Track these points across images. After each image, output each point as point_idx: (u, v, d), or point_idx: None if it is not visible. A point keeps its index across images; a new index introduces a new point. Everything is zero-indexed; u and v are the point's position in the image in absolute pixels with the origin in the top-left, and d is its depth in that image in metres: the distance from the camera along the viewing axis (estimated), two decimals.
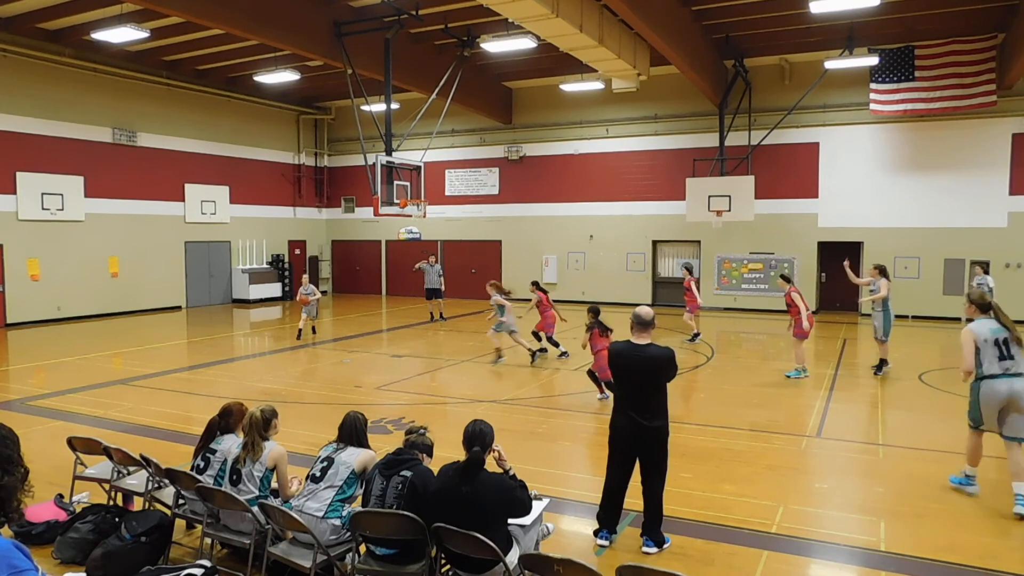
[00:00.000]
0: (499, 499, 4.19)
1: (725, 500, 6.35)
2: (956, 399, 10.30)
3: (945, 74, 17.66)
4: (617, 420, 5.42)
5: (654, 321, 5.48)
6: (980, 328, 6.24)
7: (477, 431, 4.38)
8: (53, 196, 18.73)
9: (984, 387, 6.16)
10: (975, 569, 5.03)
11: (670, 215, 21.76)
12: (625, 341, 5.52)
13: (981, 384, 6.18)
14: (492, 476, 4.29)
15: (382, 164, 16.12)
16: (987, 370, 6.14)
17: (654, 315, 5.52)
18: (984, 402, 6.18)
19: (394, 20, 16.10)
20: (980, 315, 6.37)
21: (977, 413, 6.27)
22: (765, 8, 16.16)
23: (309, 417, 9.32)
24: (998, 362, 6.11)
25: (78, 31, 17.33)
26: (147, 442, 7.98)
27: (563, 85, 20.90)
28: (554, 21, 12.98)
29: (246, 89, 23.43)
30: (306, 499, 4.65)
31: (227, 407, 5.42)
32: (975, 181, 18.55)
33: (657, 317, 5.51)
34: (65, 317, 19.12)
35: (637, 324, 5.44)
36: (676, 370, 5.44)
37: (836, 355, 13.98)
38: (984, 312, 6.36)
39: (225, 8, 14.31)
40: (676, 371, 5.45)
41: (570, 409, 9.79)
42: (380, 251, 26.99)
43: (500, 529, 4.19)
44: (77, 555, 5.07)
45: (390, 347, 15.44)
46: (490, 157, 24.57)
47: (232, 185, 23.88)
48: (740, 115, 20.22)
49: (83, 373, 12.27)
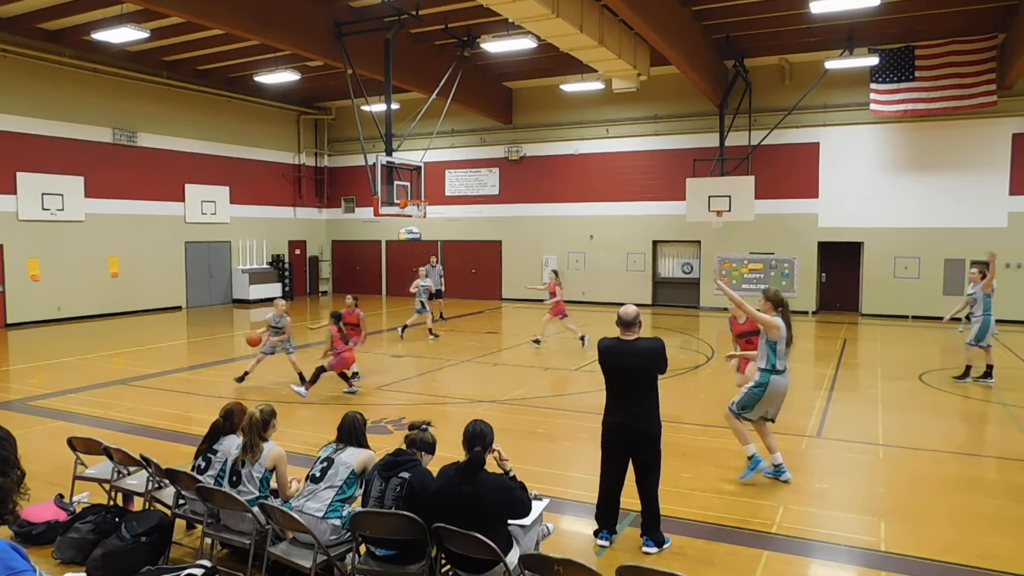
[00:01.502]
0: (499, 499, 4.19)
1: (725, 500, 6.35)
2: (956, 399, 10.31)
3: (945, 74, 17.66)
4: (609, 419, 5.40)
5: (638, 319, 5.46)
6: (781, 324, 6.56)
7: (478, 431, 4.37)
8: (53, 196, 18.73)
9: (775, 381, 6.58)
10: (975, 569, 5.03)
11: (670, 215, 21.76)
12: (613, 337, 5.50)
13: (772, 378, 6.57)
14: (492, 476, 4.29)
15: (382, 164, 16.12)
16: (780, 365, 6.59)
17: (637, 312, 5.51)
18: (773, 393, 6.60)
19: (394, 20, 16.09)
20: (775, 312, 6.62)
21: (753, 401, 6.65)
22: (765, 8, 16.15)
23: (308, 417, 9.32)
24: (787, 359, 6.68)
25: (78, 31, 17.33)
26: (147, 442, 7.98)
27: (563, 85, 20.90)
28: (554, 21, 12.98)
29: (246, 89, 23.43)
30: (306, 499, 4.65)
31: (228, 408, 5.42)
32: (975, 181, 18.55)
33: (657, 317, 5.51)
34: (65, 317, 19.12)
35: (620, 324, 5.42)
36: (667, 363, 5.40)
37: (836, 355, 13.98)
38: (777, 309, 6.64)
39: (225, 8, 14.31)
40: (667, 364, 5.40)
41: (570, 409, 9.79)
42: (380, 251, 27.00)
43: (500, 529, 4.18)
44: (77, 555, 5.07)
45: (390, 347, 15.44)
46: (490, 157, 24.58)
47: (232, 185, 23.89)
48: (740, 115, 20.23)
49: (83, 373, 12.28)
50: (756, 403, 6.63)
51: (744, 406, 6.68)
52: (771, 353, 6.60)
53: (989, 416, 9.41)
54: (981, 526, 5.80)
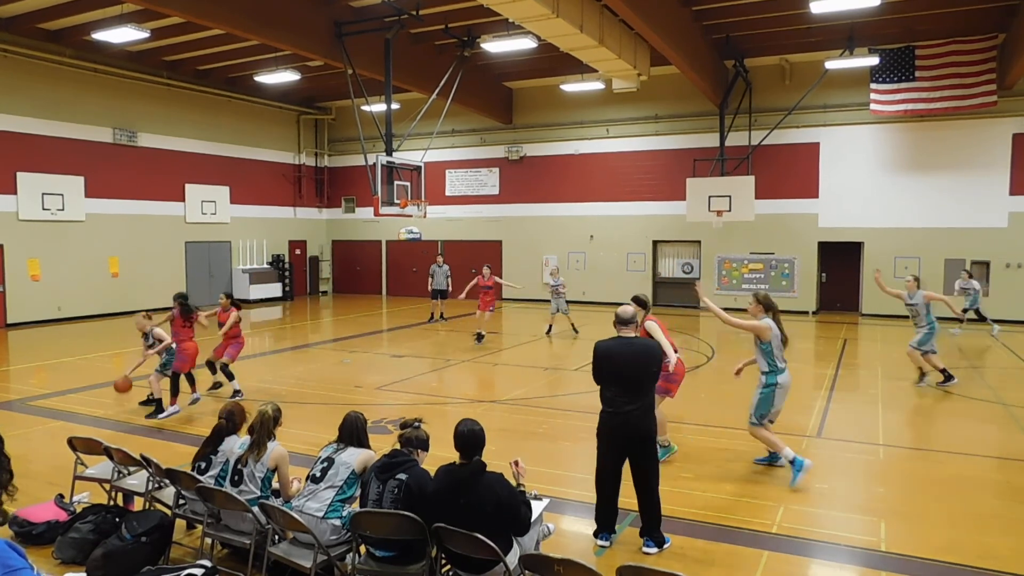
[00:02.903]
0: (499, 509, 4.13)
1: (725, 500, 6.35)
2: (956, 399, 10.31)
3: (945, 74, 17.65)
4: (607, 419, 5.39)
5: (636, 318, 5.55)
6: (771, 325, 6.74)
7: (468, 432, 4.33)
8: (53, 196, 18.73)
9: (782, 379, 6.78)
10: (975, 569, 5.03)
11: (670, 215, 21.76)
12: (611, 338, 5.51)
13: (779, 377, 6.76)
14: (496, 482, 4.22)
15: (382, 164, 16.12)
16: (780, 364, 6.80)
17: (635, 312, 5.61)
18: (782, 390, 6.80)
19: (394, 20, 16.10)
20: (765, 314, 6.79)
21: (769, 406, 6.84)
22: (765, 8, 16.15)
23: (309, 417, 9.32)
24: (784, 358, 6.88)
25: (78, 31, 17.33)
26: (147, 442, 7.99)
27: (563, 85, 20.90)
28: (554, 21, 12.98)
29: (246, 89, 23.44)
30: (306, 499, 4.65)
31: (228, 409, 5.41)
32: (975, 181, 18.55)
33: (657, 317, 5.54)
34: (65, 317, 19.13)
35: (619, 323, 5.48)
36: (661, 363, 5.48)
37: (836, 355, 13.98)
38: (768, 312, 6.81)
39: (225, 8, 14.32)
40: (661, 365, 5.48)
41: (570, 409, 9.79)
42: (380, 251, 26.99)
43: (499, 533, 4.17)
44: (77, 555, 5.07)
45: (390, 347, 15.44)
46: (490, 157, 24.58)
47: (232, 185, 23.89)
48: (740, 115, 20.23)
49: (83, 373, 12.28)
50: (771, 405, 6.83)
51: (763, 413, 6.84)
52: (768, 356, 6.78)
53: (989, 416, 9.40)
54: (981, 526, 5.80)
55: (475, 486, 4.18)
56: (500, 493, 4.17)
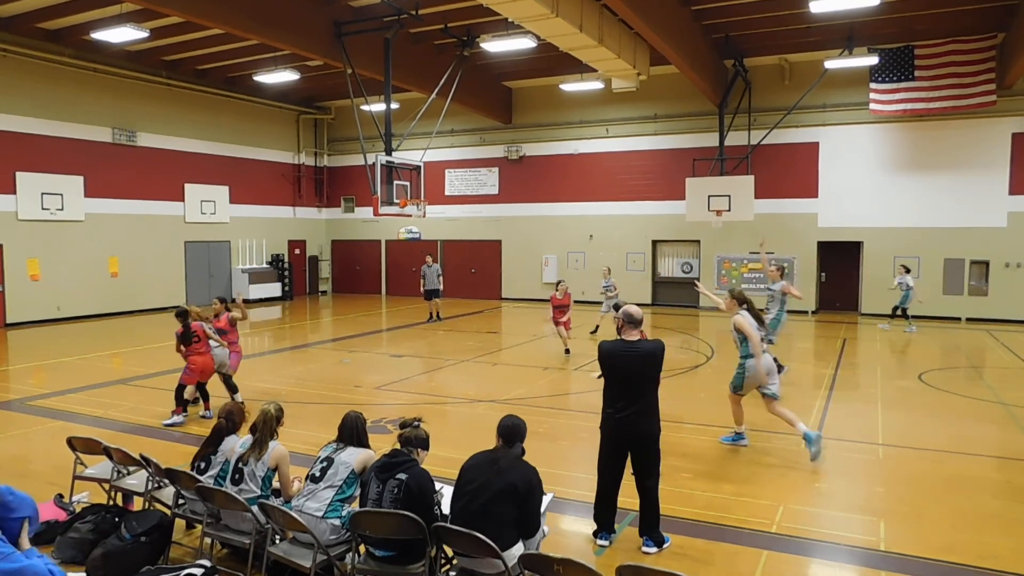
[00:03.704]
0: (531, 491, 4.22)
1: (725, 500, 6.35)
2: (956, 399, 10.31)
3: (945, 74, 17.66)
4: (610, 419, 5.40)
5: (643, 319, 5.57)
6: (751, 322, 7.58)
7: (511, 424, 4.52)
8: (53, 196, 18.73)
9: (749, 364, 7.58)
10: (975, 569, 5.03)
11: (670, 215, 21.76)
12: (616, 339, 5.54)
13: (747, 362, 7.59)
14: (534, 471, 4.34)
15: (382, 164, 16.12)
16: (753, 352, 7.55)
17: (643, 314, 5.63)
18: (752, 379, 7.62)
19: (394, 20, 16.09)
20: (739, 308, 7.66)
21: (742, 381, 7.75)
22: (765, 8, 16.15)
23: (309, 417, 9.31)
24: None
25: (78, 31, 17.32)
26: (147, 442, 7.98)
27: (563, 85, 20.90)
28: (554, 21, 12.98)
29: (246, 89, 23.43)
30: (306, 499, 4.65)
31: (228, 409, 5.42)
32: (975, 181, 18.55)
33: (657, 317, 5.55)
34: (65, 317, 19.12)
35: (628, 323, 5.50)
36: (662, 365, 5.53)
37: (836, 355, 13.98)
38: (741, 305, 7.67)
39: (225, 8, 14.31)
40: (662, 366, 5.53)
41: (570, 409, 9.79)
42: (380, 251, 26.99)
43: (512, 511, 4.18)
44: (77, 555, 5.06)
45: (390, 347, 15.44)
46: (490, 157, 24.57)
47: (232, 185, 23.88)
48: (740, 115, 20.22)
49: (83, 373, 12.27)
50: (742, 382, 7.75)
51: (736, 386, 7.85)
52: (743, 344, 7.66)
53: (989, 416, 9.40)
54: (981, 526, 5.80)
55: (515, 464, 4.29)
56: (533, 480, 4.28)
